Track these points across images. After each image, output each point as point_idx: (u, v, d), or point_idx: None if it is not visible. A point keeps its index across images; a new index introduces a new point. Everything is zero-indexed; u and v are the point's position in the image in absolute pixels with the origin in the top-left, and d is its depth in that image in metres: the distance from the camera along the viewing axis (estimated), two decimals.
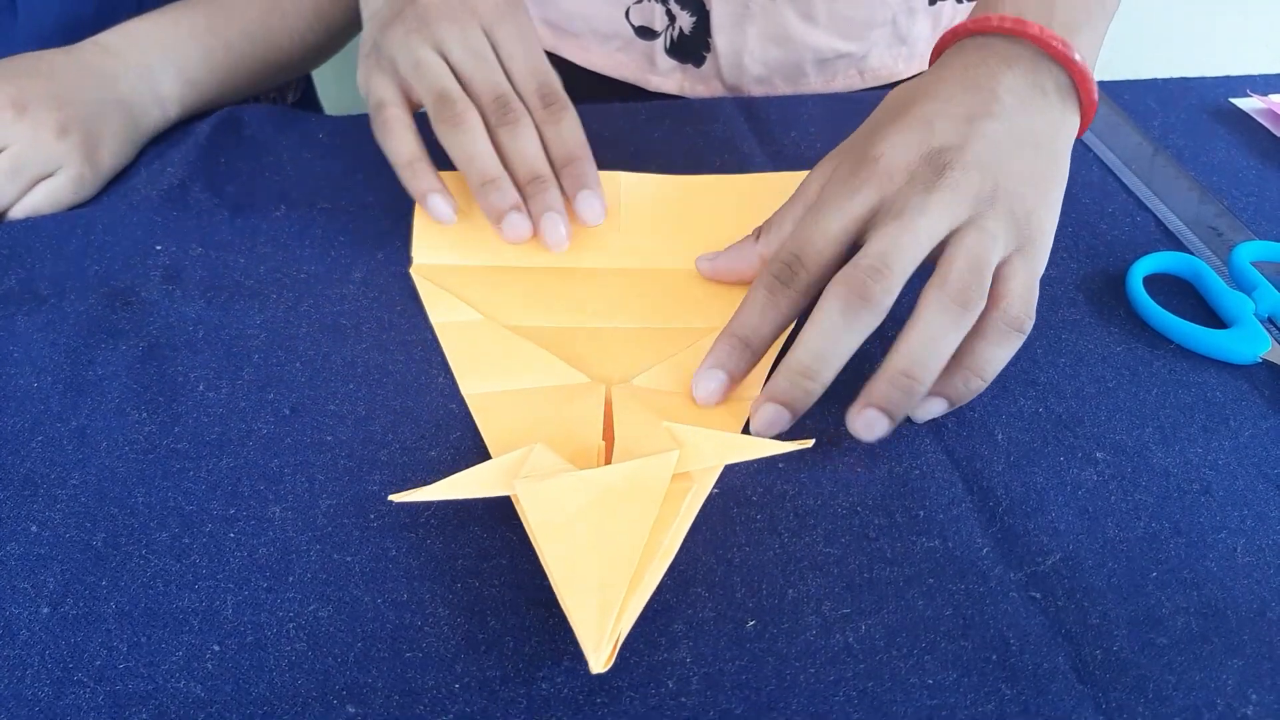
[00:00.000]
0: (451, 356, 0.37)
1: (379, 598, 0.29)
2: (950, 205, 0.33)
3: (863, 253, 0.32)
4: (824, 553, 0.31)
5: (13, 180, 0.44)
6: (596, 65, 0.65)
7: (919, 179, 0.33)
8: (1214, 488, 0.33)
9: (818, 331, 0.32)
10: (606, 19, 0.62)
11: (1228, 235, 0.44)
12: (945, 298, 0.31)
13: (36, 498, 0.32)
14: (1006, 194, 0.33)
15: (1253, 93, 0.56)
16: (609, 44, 0.64)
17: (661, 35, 0.62)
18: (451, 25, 0.42)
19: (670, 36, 0.62)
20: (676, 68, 0.63)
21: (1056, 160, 0.36)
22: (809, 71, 0.62)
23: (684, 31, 0.61)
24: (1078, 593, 0.30)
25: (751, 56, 0.61)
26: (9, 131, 0.44)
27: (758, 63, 0.61)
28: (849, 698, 0.27)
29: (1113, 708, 0.27)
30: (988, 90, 0.35)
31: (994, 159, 0.33)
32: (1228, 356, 0.37)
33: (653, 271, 0.42)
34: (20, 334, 0.38)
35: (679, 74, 0.64)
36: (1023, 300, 0.33)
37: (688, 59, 0.63)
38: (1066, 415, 0.35)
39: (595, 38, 0.64)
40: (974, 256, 0.32)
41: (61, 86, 0.46)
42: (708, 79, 0.63)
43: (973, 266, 0.32)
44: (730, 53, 0.61)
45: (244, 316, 0.40)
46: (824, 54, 0.61)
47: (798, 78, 0.63)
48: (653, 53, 0.63)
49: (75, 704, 0.27)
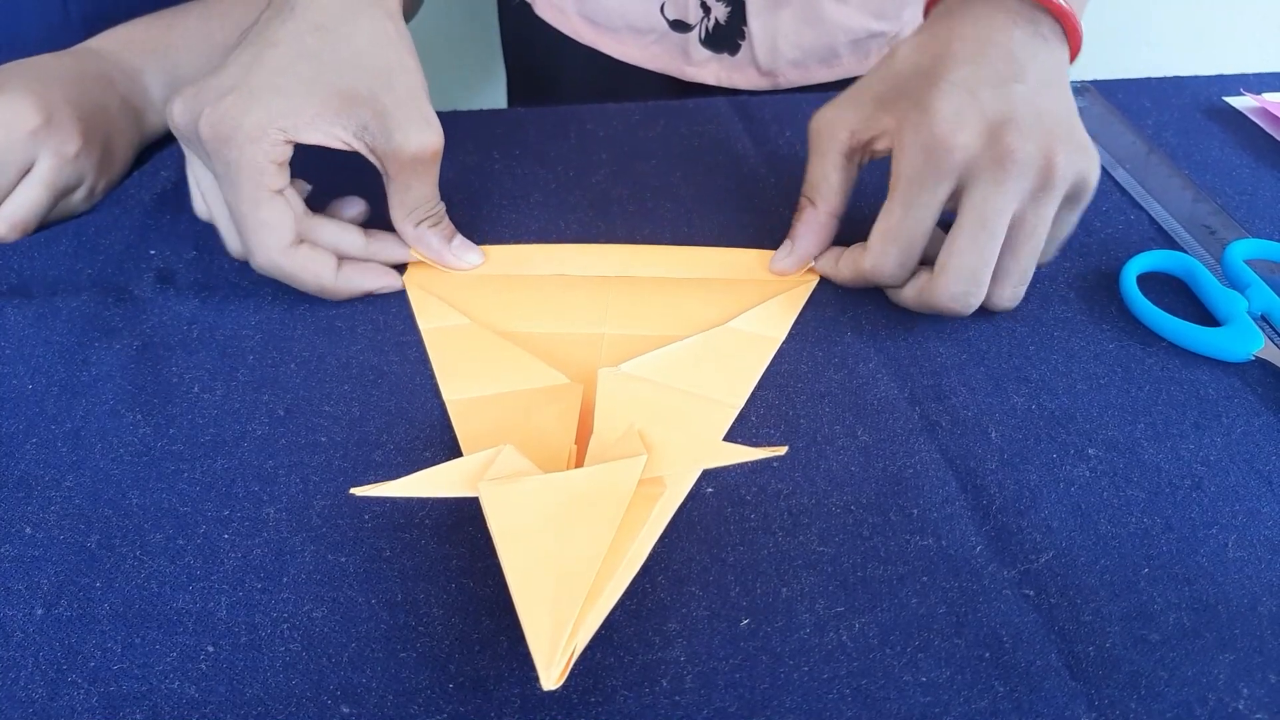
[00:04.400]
0: (436, 362, 0.38)
1: (373, 598, 0.29)
2: (1017, 191, 0.36)
3: (957, 265, 0.36)
4: (818, 551, 0.31)
5: (46, 208, 0.43)
6: (633, 58, 0.66)
7: (986, 169, 0.35)
8: (1205, 484, 0.33)
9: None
10: (642, 14, 0.63)
11: (1221, 233, 0.44)
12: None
13: (31, 499, 0.32)
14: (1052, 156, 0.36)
15: (1246, 91, 0.56)
16: (645, 38, 0.65)
17: (696, 27, 0.63)
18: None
19: (705, 28, 0.63)
20: (711, 58, 0.64)
21: (1066, 95, 0.38)
22: (842, 52, 0.63)
23: (719, 21, 0.62)
24: (1070, 590, 0.30)
25: (786, 40, 0.62)
26: (36, 143, 0.42)
27: (792, 46, 0.62)
28: (843, 695, 0.27)
29: (1105, 704, 0.27)
30: (1004, 48, 0.38)
31: (1035, 121, 0.36)
32: (1220, 354, 0.38)
33: (644, 280, 0.42)
34: (13, 334, 0.38)
35: (714, 64, 0.65)
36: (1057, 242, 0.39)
37: (722, 49, 0.64)
38: (1059, 412, 0.36)
39: (631, 32, 0.65)
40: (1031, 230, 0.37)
41: (75, 94, 0.45)
42: (743, 67, 0.64)
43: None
44: (765, 38, 0.62)
45: (239, 317, 0.40)
46: (857, 34, 0.62)
47: (831, 59, 0.64)
48: (687, 45, 0.64)
49: (69, 705, 0.27)
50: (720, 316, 0.40)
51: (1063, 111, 0.37)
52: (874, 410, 0.36)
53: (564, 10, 0.66)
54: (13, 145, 0.42)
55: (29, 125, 0.42)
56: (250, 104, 0.36)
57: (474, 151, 0.51)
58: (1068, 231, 0.39)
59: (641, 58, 0.66)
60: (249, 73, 0.36)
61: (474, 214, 0.46)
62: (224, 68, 0.37)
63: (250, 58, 0.37)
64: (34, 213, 0.43)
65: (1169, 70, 0.58)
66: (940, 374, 0.37)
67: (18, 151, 0.42)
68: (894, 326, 0.39)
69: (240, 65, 0.37)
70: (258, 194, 0.36)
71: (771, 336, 0.39)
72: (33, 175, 0.43)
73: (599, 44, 0.66)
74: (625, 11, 0.64)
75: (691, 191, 0.48)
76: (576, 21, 0.66)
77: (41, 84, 0.43)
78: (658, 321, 0.40)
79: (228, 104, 0.36)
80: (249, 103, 0.36)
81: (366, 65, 0.37)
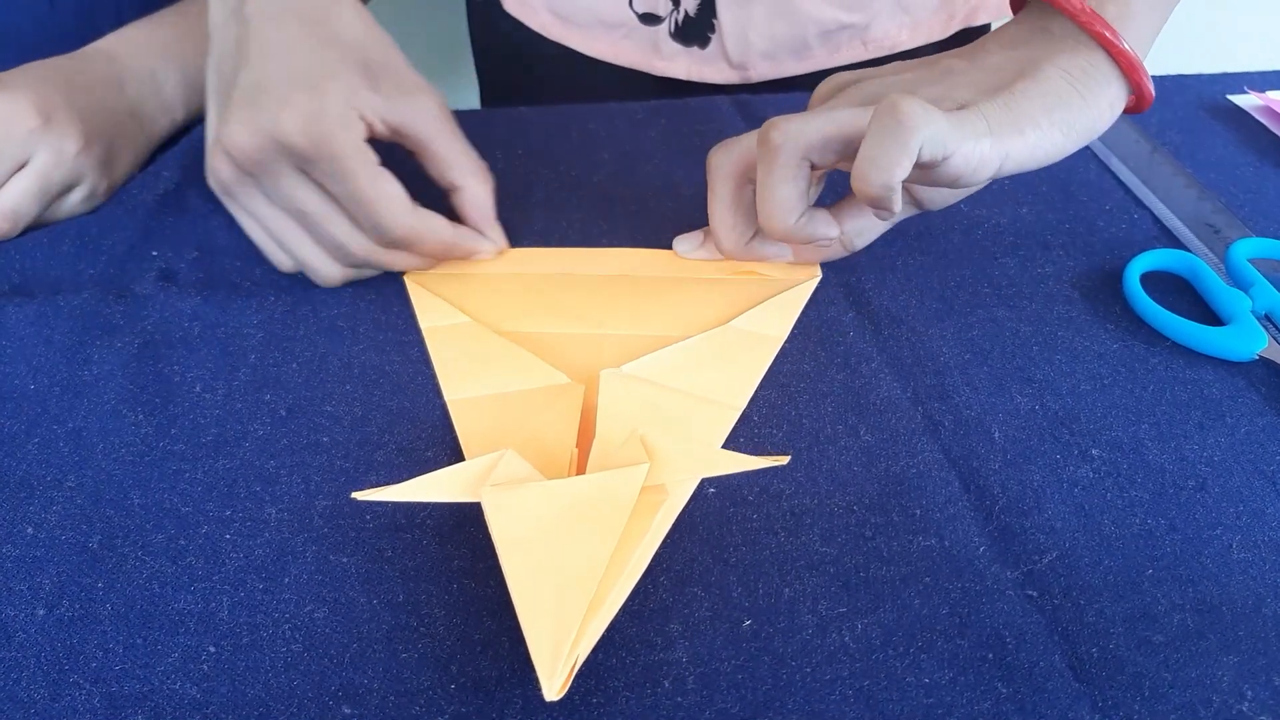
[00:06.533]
0: (437, 361, 0.37)
1: (375, 599, 0.29)
2: None
3: None
4: (820, 552, 0.31)
5: (39, 200, 0.43)
6: (602, 53, 0.66)
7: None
8: (1210, 484, 0.33)
9: None
10: (612, 8, 0.63)
11: (1225, 232, 0.44)
12: None
13: (32, 500, 0.32)
14: None
15: (1250, 90, 0.55)
16: (614, 32, 0.64)
17: (666, 20, 0.63)
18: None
19: (675, 21, 0.62)
20: (681, 51, 0.64)
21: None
22: (813, 44, 0.63)
23: (689, 14, 0.62)
24: (1074, 590, 0.29)
25: (757, 32, 0.62)
26: (34, 142, 0.42)
27: (763, 38, 0.62)
28: (845, 697, 0.27)
29: (1109, 705, 0.27)
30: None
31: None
32: (1224, 353, 0.37)
33: (646, 280, 0.42)
34: (15, 333, 0.38)
35: (685, 57, 0.64)
36: None
37: (692, 42, 0.63)
38: (1063, 413, 0.35)
39: (601, 27, 0.64)
40: None
41: (79, 96, 0.45)
42: (713, 60, 0.64)
43: None
44: (736, 30, 0.62)
45: (240, 316, 0.40)
46: (827, 25, 0.62)
47: (802, 51, 0.63)
48: (657, 38, 0.64)
49: (71, 705, 0.27)
50: (721, 316, 0.40)
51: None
52: (876, 410, 0.36)
53: (532, 6, 0.66)
54: (10, 142, 0.42)
55: (28, 124, 0.42)
56: (321, 95, 0.36)
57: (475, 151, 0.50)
58: None
59: (611, 53, 0.65)
60: (289, 75, 0.36)
61: None
62: (247, 86, 0.37)
63: (274, 64, 0.37)
64: (24, 202, 0.43)
65: (1172, 68, 0.58)
66: (943, 374, 0.37)
67: (14, 149, 0.42)
68: (897, 326, 0.39)
69: (268, 74, 0.37)
70: (372, 171, 0.37)
71: (773, 336, 0.39)
72: (27, 167, 0.43)
73: (568, 40, 0.66)
74: (594, 6, 0.63)
75: (692, 191, 0.48)
76: (545, 17, 0.66)
77: (44, 86, 0.43)
78: (659, 321, 0.40)
79: (299, 104, 0.35)
80: (318, 95, 0.36)
81: (368, 44, 0.39)
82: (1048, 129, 0.34)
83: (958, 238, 0.44)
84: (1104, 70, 0.35)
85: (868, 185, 0.32)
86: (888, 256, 0.43)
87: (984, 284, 0.42)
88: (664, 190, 0.48)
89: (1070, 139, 0.35)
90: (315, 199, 0.38)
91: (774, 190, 0.36)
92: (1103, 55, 0.35)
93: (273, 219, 0.39)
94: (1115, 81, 0.36)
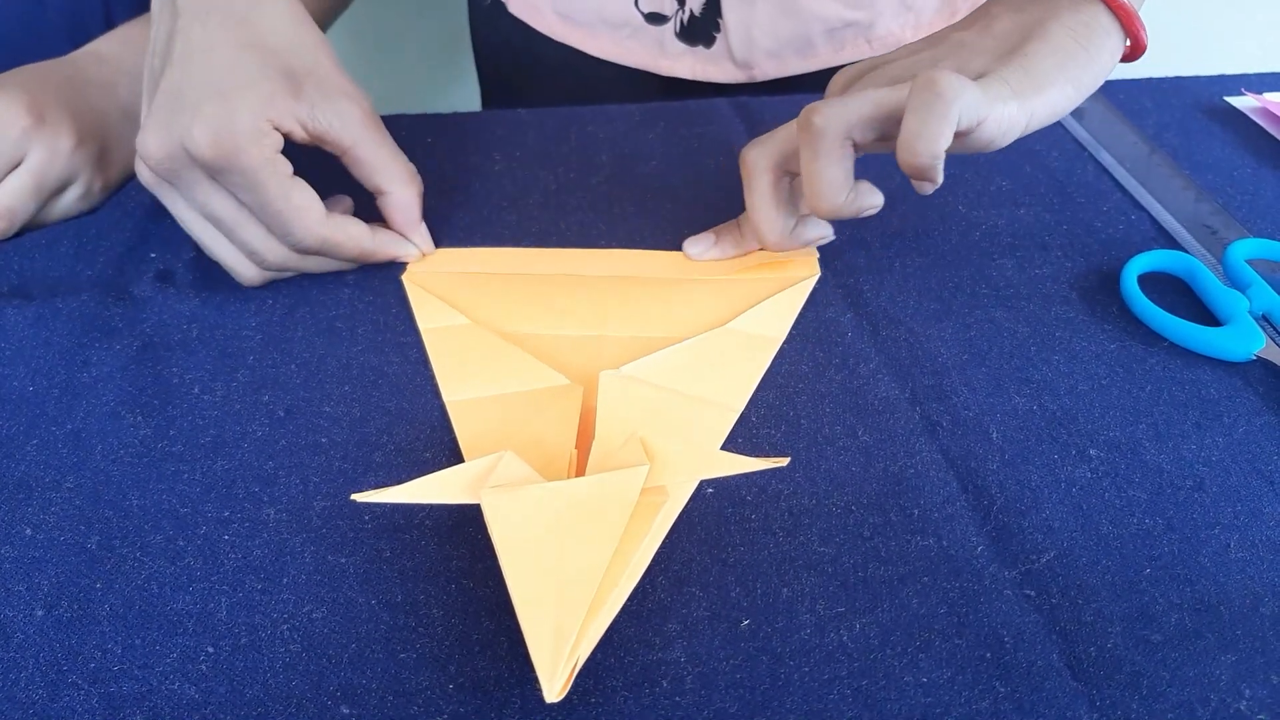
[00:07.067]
0: (436, 362, 0.37)
1: (373, 599, 0.29)
2: None
3: None
4: (818, 551, 0.31)
5: (35, 197, 0.43)
6: (607, 53, 0.66)
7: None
8: (1207, 484, 0.33)
9: None
10: (617, 9, 0.63)
11: (1222, 233, 0.44)
12: None
13: (31, 501, 0.32)
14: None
15: (1247, 91, 0.56)
16: (619, 32, 0.64)
17: (671, 20, 0.63)
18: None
19: (680, 20, 0.63)
20: (687, 51, 0.64)
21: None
22: (817, 43, 0.63)
23: (694, 13, 0.62)
24: (1071, 590, 0.30)
25: (762, 30, 0.62)
26: (28, 140, 0.42)
27: (768, 36, 0.62)
28: (843, 696, 0.27)
29: (1107, 704, 0.27)
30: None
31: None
32: (1222, 354, 0.37)
33: (644, 281, 0.42)
34: (13, 335, 0.38)
35: (690, 57, 0.64)
36: None
37: (698, 41, 0.63)
38: (1061, 413, 0.35)
39: (606, 27, 0.64)
40: None
41: (72, 97, 0.45)
42: (718, 59, 0.64)
43: None
44: (741, 29, 0.62)
45: (239, 318, 0.40)
46: (832, 23, 0.62)
47: (807, 50, 0.63)
48: (663, 38, 0.64)
49: (70, 706, 0.27)
50: (720, 317, 0.40)
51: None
52: (875, 410, 0.36)
53: (538, 7, 0.66)
54: (4, 141, 0.42)
55: (22, 123, 0.42)
56: (231, 107, 0.36)
57: (475, 153, 0.51)
58: None
59: (616, 53, 0.65)
60: (206, 80, 0.36)
61: (475, 215, 0.46)
62: (168, 90, 0.37)
63: (195, 67, 0.37)
64: (20, 199, 0.43)
65: (1170, 70, 0.58)
66: (941, 374, 0.37)
67: (9, 147, 0.42)
68: (895, 327, 0.39)
69: (188, 77, 0.37)
70: (283, 184, 0.37)
71: (772, 337, 0.39)
72: (22, 165, 0.43)
73: (573, 40, 0.66)
74: (600, 6, 0.63)
75: (692, 193, 0.48)
76: (550, 18, 0.66)
77: (37, 87, 0.44)
78: (658, 323, 0.40)
79: (209, 116, 0.36)
80: (229, 106, 0.36)
81: (294, 46, 0.39)
82: (1062, 85, 0.36)
83: (955, 239, 0.44)
84: (1104, 23, 0.37)
85: (915, 157, 0.33)
86: (886, 257, 0.43)
87: (982, 285, 0.42)
88: (663, 192, 0.48)
89: (1080, 91, 0.37)
90: (229, 207, 0.38)
91: (822, 173, 0.37)
92: (1101, 8, 0.37)
93: (192, 222, 0.39)
94: (1114, 33, 0.38)
